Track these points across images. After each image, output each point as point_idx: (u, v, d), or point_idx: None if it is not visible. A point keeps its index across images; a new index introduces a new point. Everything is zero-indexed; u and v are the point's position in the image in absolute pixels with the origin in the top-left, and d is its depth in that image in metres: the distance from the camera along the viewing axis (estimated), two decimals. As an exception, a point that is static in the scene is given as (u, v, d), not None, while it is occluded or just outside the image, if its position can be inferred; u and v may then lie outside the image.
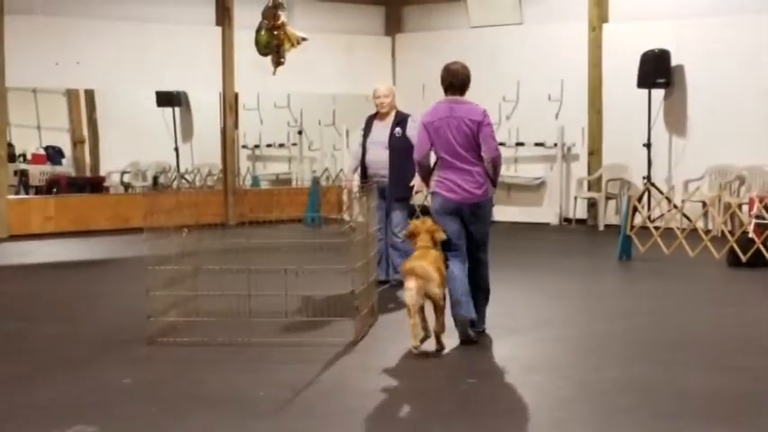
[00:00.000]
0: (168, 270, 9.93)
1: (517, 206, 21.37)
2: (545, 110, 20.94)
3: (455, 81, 9.89)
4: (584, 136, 20.56)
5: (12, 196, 19.76)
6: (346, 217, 19.69)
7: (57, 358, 9.32)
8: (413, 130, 12.68)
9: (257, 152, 25.29)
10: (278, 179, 24.94)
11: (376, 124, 12.93)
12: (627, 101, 19.64)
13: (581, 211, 20.59)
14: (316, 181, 21.80)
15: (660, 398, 7.79)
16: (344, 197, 20.72)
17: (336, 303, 10.52)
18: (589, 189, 20.39)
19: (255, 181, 24.22)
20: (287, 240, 13.50)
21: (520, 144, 21.34)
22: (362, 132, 13.16)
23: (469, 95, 9.92)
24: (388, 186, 12.65)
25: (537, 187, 21.24)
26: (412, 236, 9.60)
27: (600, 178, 20.22)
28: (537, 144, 21.07)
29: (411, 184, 12.54)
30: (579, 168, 20.72)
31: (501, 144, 20.95)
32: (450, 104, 9.85)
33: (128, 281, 10.75)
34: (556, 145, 20.71)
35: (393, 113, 12.95)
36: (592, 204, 20.31)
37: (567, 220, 20.65)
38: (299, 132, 24.42)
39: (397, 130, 12.77)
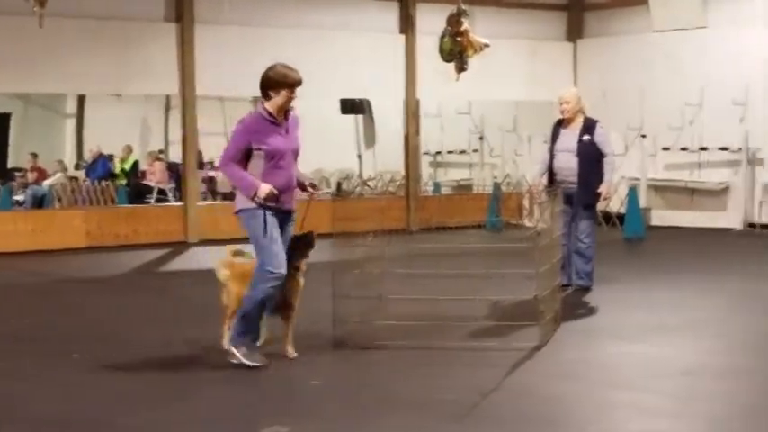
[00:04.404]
0: (355, 274, 10.14)
1: (700, 211, 21.06)
2: (729, 114, 20.55)
3: None
4: (770, 140, 20.21)
5: (201, 203, 20.31)
6: (527, 222, 19.82)
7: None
8: (601, 137, 12.70)
9: (438, 158, 25.49)
10: (459, 185, 25.08)
11: (563, 131, 12.88)
12: (815, 104, 19.24)
13: (767, 216, 20.21)
14: (497, 187, 21.88)
15: None
16: (525, 203, 20.81)
17: (521, 308, 10.60)
18: (775, 193, 20.04)
19: (437, 187, 24.41)
20: (471, 245, 13.62)
21: (703, 149, 21.02)
22: (549, 138, 13.16)
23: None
24: (576, 193, 12.58)
25: (721, 192, 20.89)
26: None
27: (787, 182, 19.85)
28: (721, 149, 20.75)
29: (598, 190, 12.55)
30: (765, 173, 20.33)
31: (684, 149, 21.04)
32: None
33: (316, 285, 10.95)
34: (740, 149, 20.36)
35: (581, 119, 12.81)
36: (778, 209, 19.95)
37: (752, 225, 20.28)
38: (481, 138, 24.53)
39: (585, 136, 12.67)
